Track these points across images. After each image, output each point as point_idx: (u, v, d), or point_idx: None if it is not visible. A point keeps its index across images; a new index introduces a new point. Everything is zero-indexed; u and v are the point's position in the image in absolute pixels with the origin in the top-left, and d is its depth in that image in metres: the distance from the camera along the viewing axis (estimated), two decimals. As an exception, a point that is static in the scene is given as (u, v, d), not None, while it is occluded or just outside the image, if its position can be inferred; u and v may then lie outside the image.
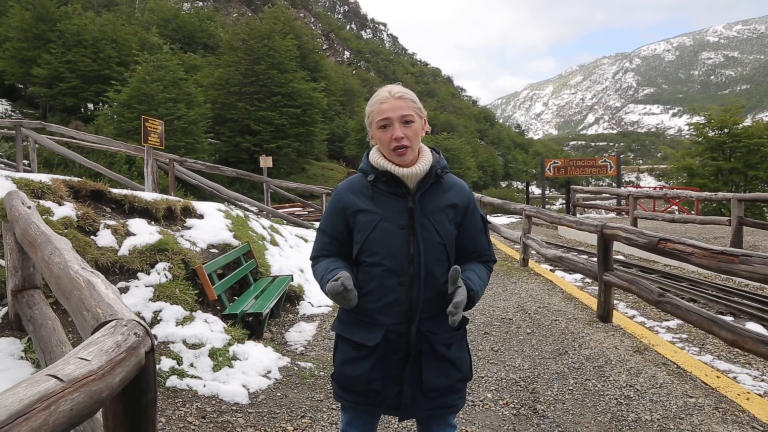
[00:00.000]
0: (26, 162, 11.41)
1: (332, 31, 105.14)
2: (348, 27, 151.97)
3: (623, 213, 16.26)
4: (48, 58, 26.51)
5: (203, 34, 43.10)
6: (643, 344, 4.82)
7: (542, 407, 3.60)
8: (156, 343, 1.63)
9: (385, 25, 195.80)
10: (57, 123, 19.30)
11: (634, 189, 22.56)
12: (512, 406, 3.65)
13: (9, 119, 19.16)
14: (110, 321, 1.59)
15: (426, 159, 1.82)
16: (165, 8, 43.67)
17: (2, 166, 11.79)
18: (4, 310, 3.80)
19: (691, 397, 3.67)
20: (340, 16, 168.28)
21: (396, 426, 3.34)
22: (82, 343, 1.46)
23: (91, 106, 29.13)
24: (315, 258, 1.94)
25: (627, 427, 3.28)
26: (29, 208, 3.54)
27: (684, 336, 5.24)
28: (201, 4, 73.62)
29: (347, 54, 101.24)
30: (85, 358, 1.30)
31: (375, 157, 1.83)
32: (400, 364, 1.81)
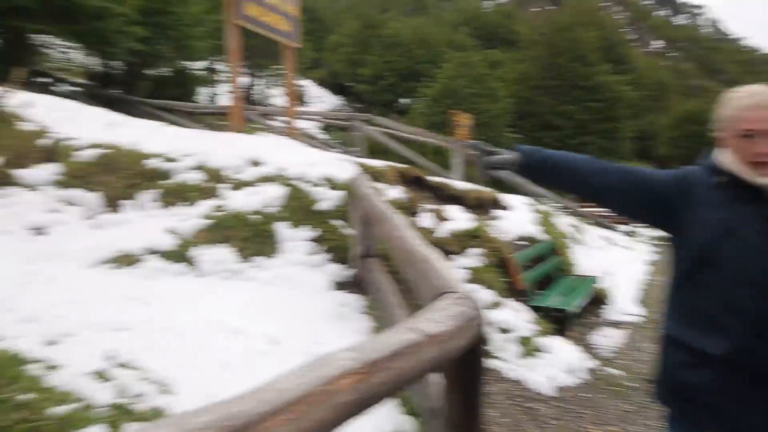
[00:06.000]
0: (354, 149, 13.39)
1: (640, 18, 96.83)
2: (658, 13, 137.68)
3: None
4: (371, 59, 30.63)
5: (504, 30, 44.10)
6: None
7: None
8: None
9: (702, 7, 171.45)
10: (377, 116, 22.12)
11: None
12: None
13: (344, 113, 22.73)
14: (451, 292, 1.73)
15: None
16: (471, 8, 46.07)
17: (339, 150, 14.07)
18: (353, 271, 4.52)
19: None
20: (651, 1, 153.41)
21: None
22: (426, 307, 1.65)
23: (403, 100, 32.62)
24: None
25: None
26: (371, 189, 4.15)
27: None
28: (504, 0, 75.40)
29: (658, 43, 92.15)
30: (439, 320, 1.48)
31: (729, 161, 1.59)
32: (756, 385, 1.50)
